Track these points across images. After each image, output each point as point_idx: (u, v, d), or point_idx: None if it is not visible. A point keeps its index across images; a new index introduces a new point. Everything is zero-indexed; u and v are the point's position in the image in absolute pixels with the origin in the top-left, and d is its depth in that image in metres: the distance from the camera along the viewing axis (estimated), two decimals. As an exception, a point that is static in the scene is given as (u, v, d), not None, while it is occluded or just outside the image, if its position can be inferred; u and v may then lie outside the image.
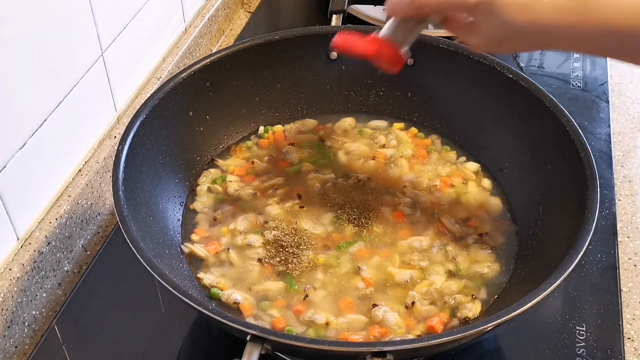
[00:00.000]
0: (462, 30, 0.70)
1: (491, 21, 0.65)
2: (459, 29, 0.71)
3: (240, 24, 1.39)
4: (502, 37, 0.67)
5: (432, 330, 0.74)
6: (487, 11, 0.64)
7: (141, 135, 0.82)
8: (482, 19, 0.66)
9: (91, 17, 0.89)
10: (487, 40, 0.68)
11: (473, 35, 0.69)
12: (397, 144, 0.97)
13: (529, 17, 0.63)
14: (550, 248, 0.76)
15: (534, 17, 0.63)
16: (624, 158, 1.06)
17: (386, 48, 0.75)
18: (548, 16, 0.63)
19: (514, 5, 0.63)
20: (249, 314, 0.76)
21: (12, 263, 0.79)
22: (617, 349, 0.79)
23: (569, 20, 0.63)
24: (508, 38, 0.66)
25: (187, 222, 0.87)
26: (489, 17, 0.65)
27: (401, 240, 0.83)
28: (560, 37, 0.65)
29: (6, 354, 0.78)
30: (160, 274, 0.66)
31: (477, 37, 0.69)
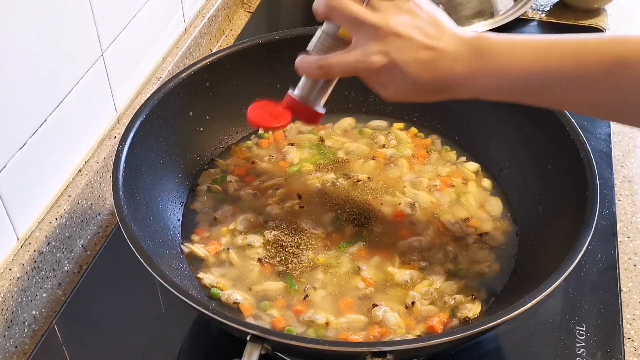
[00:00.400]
0: (373, 84, 0.70)
1: (397, 81, 0.67)
2: (370, 83, 0.71)
3: (240, 24, 1.39)
4: (411, 92, 0.68)
5: (432, 330, 0.74)
6: (392, 73, 0.66)
7: (141, 135, 0.82)
8: (388, 80, 0.67)
9: (91, 17, 0.89)
10: (397, 95, 0.69)
11: (383, 89, 0.70)
12: (397, 144, 0.97)
13: (432, 75, 0.65)
14: (550, 248, 0.76)
15: (437, 74, 0.65)
16: (624, 158, 1.06)
17: (302, 109, 0.76)
18: (448, 72, 0.65)
19: (415, 64, 0.65)
20: (249, 314, 0.76)
21: (12, 263, 0.79)
22: (617, 349, 0.79)
23: (468, 74, 0.65)
24: (417, 93, 0.68)
25: (187, 222, 0.87)
26: (394, 78, 0.66)
27: (401, 240, 0.83)
28: (464, 89, 0.67)
29: (6, 354, 0.78)
30: (160, 274, 0.66)
31: (388, 91, 0.69)
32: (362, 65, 0.67)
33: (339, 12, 0.67)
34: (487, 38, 0.65)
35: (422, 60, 0.65)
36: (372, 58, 0.66)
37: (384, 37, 0.65)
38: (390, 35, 0.65)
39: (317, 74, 0.72)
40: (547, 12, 1.39)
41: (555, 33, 1.34)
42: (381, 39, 0.65)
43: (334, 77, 0.74)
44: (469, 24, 1.29)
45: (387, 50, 0.65)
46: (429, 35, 0.65)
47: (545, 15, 1.38)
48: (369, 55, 0.66)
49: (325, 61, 0.70)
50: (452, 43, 0.65)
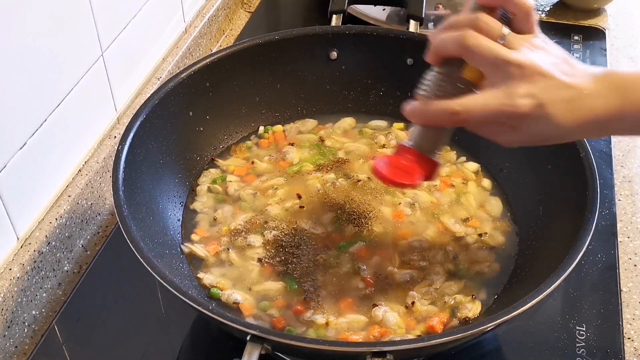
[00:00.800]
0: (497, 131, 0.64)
1: (537, 126, 0.61)
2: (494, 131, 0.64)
3: (240, 24, 1.39)
4: (548, 137, 0.63)
5: (432, 330, 0.74)
6: (536, 118, 0.60)
7: (141, 135, 0.82)
8: (527, 124, 0.61)
9: (91, 17, 0.89)
10: (526, 141, 0.64)
11: (508, 134, 0.63)
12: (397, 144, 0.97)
13: (578, 113, 0.60)
14: (550, 248, 0.76)
15: (580, 115, 0.60)
16: (624, 158, 1.06)
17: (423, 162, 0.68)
18: (594, 108, 0.60)
19: (561, 105, 0.59)
20: (249, 314, 0.76)
21: (12, 263, 0.79)
22: (617, 349, 0.79)
23: (611, 112, 0.60)
24: (550, 139, 0.63)
25: (187, 222, 0.87)
26: (536, 123, 0.61)
27: (401, 240, 0.83)
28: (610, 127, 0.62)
29: (6, 354, 0.78)
30: (160, 274, 0.66)
31: (514, 137, 0.63)
32: (506, 109, 0.59)
33: (476, 51, 0.60)
34: (620, 73, 0.61)
35: (565, 99, 0.59)
36: (519, 101, 0.59)
37: (528, 76, 0.59)
38: (535, 74, 0.59)
39: (445, 121, 0.63)
40: (547, 12, 1.39)
41: (555, 33, 1.35)
42: (525, 78, 0.59)
43: (468, 124, 0.64)
44: (469, 24, 1.29)
45: (533, 91, 0.59)
46: (567, 73, 0.60)
47: (545, 15, 1.38)
48: (515, 97, 0.59)
49: (457, 106, 0.61)
50: (588, 80, 0.60)
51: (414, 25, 1.03)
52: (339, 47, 0.99)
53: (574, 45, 1.29)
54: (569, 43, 1.30)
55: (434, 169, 0.69)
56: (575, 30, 1.33)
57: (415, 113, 0.65)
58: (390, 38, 0.96)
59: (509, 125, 0.62)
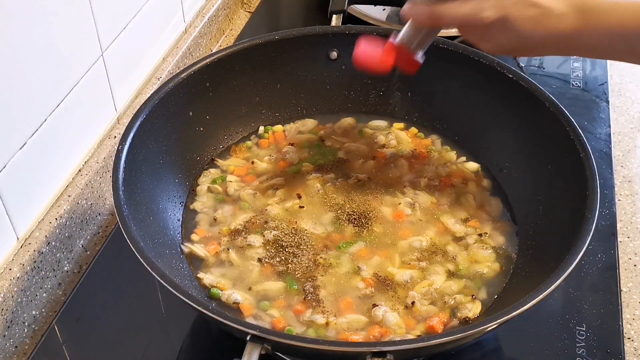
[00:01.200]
0: (476, 37, 0.75)
1: (505, 34, 0.70)
2: (473, 37, 0.75)
3: (240, 24, 1.39)
4: (514, 47, 0.72)
5: (432, 330, 0.74)
6: (502, 27, 0.69)
7: (141, 135, 0.82)
8: (495, 34, 0.71)
9: (91, 17, 0.89)
10: (500, 48, 0.74)
11: (487, 42, 0.74)
12: (397, 144, 0.97)
13: (538, 31, 0.69)
14: (550, 248, 0.76)
15: (543, 31, 0.69)
16: (624, 158, 1.06)
17: (403, 55, 0.80)
18: (554, 29, 0.68)
19: (526, 19, 0.68)
20: (249, 314, 0.76)
21: (12, 263, 0.79)
22: (617, 349, 0.79)
23: (573, 31, 0.68)
24: (520, 48, 0.72)
25: (187, 222, 0.87)
26: (502, 32, 0.70)
27: (401, 240, 0.83)
28: (570, 45, 0.70)
29: (6, 354, 0.78)
30: (160, 274, 0.66)
31: (491, 44, 0.73)
32: (474, 18, 0.70)
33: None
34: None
35: (531, 16, 0.68)
36: (485, 12, 0.69)
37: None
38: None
39: (426, 21, 0.76)
40: (547, 12, 1.39)
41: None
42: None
43: (442, 26, 0.78)
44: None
45: (499, 4, 0.69)
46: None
47: (545, 15, 1.38)
48: (483, 9, 0.69)
49: (437, 10, 0.73)
50: (558, 3, 0.68)
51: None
52: (339, 47, 0.99)
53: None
54: (569, 43, 1.29)
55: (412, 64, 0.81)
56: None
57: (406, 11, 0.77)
58: (390, 38, 0.96)
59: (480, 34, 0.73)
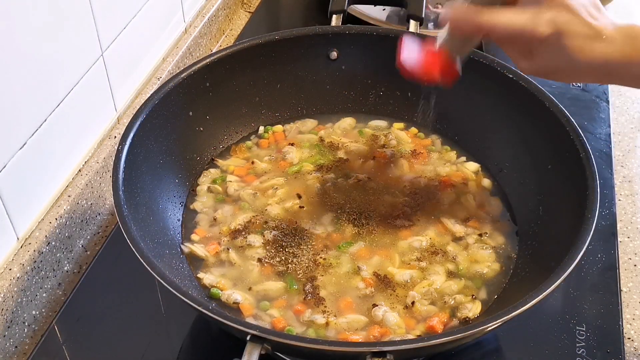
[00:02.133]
0: (516, 54, 0.70)
1: (553, 54, 0.66)
2: (513, 51, 0.70)
3: (240, 24, 1.39)
4: (555, 70, 0.68)
5: (432, 330, 0.74)
6: (554, 44, 0.65)
7: (141, 135, 0.82)
8: (543, 51, 0.67)
9: (91, 17, 0.89)
10: (541, 69, 0.69)
11: (526, 61, 0.69)
12: (397, 144, 0.97)
13: (589, 52, 0.65)
14: (550, 248, 0.76)
15: (592, 55, 0.65)
16: (624, 158, 1.06)
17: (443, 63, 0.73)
18: (602, 55, 0.65)
19: (578, 41, 0.64)
20: (249, 314, 0.76)
21: (12, 263, 0.79)
22: (617, 349, 0.79)
23: (621, 58, 0.65)
24: (561, 71, 0.68)
25: (187, 222, 0.87)
26: (552, 50, 0.66)
27: (401, 240, 0.83)
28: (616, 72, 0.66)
29: (6, 354, 0.78)
30: (160, 274, 0.66)
31: (531, 64, 0.69)
32: (528, 31, 0.65)
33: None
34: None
35: (583, 36, 0.64)
36: (541, 26, 0.64)
37: (555, 6, 0.64)
38: (561, 7, 0.64)
39: (473, 29, 0.69)
40: (547, 12, 1.39)
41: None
42: (552, 8, 0.64)
43: (490, 36, 0.70)
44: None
45: (555, 20, 0.64)
46: (591, 15, 0.65)
47: (545, 15, 1.38)
48: (539, 22, 0.64)
49: (488, 18, 0.67)
50: (609, 26, 0.65)
51: (414, 25, 1.03)
52: (339, 47, 0.99)
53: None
54: (569, 43, 1.29)
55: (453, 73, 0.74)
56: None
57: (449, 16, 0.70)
58: (390, 38, 0.96)
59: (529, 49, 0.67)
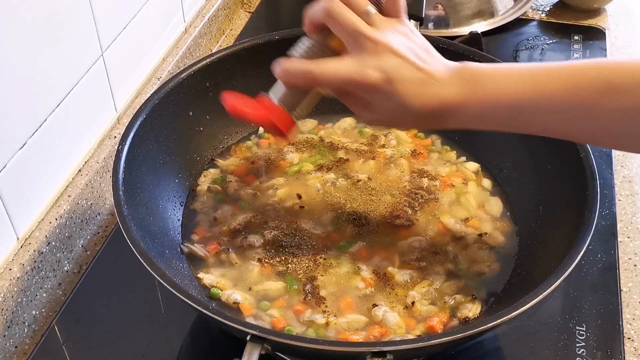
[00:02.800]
0: (356, 105, 0.69)
1: (385, 102, 0.65)
2: (353, 103, 0.69)
3: (240, 24, 1.39)
4: (395, 116, 0.66)
5: (432, 330, 0.74)
6: (384, 92, 0.64)
7: (141, 135, 0.82)
8: (377, 99, 0.65)
9: (91, 17, 0.89)
10: (382, 118, 0.68)
11: (367, 111, 0.68)
12: (397, 144, 0.97)
13: (421, 99, 0.64)
14: (550, 248, 0.76)
15: (426, 98, 0.64)
16: (624, 158, 1.06)
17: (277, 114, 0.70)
18: (437, 97, 0.64)
19: (409, 85, 0.64)
20: (249, 314, 0.76)
21: (12, 263, 0.79)
22: (617, 349, 0.79)
23: (457, 100, 0.64)
24: (401, 117, 0.66)
25: (187, 222, 0.87)
26: (384, 98, 0.65)
27: (401, 240, 0.83)
28: (453, 117, 0.65)
29: (6, 354, 0.78)
30: (160, 274, 0.66)
31: (372, 114, 0.68)
32: (357, 77, 0.64)
33: (338, 20, 0.65)
34: (473, 66, 0.65)
35: (415, 81, 0.64)
36: (368, 72, 0.63)
37: (381, 52, 0.64)
38: (388, 52, 0.64)
39: (301, 80, 0.67)
40: (547, 12, 1.39)
41: (555, 33, 1.35)
42: (378, 54, 0.64)
43: (319, 86, 0.69)
44: (469, 24, 1.30)
45: (383, 66, 0.63)
46: (421, 58, 0.65)
47: (545, 15, 1.38)
48: (366, 68, 0.64)
49: (314, 67, 0.66)
50: (441, 69, 0.65)
51: (413, 25, 1.03)
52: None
53: (574, 45, 1.29)
54: (569, 43, 1.30)
55: (287, 126, 0.70)
56: (575, 30, 1.33)
57: (279, 69, 0.68)
58: (390, 38, 0.96)
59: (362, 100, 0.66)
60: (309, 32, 0.70)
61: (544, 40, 1.31)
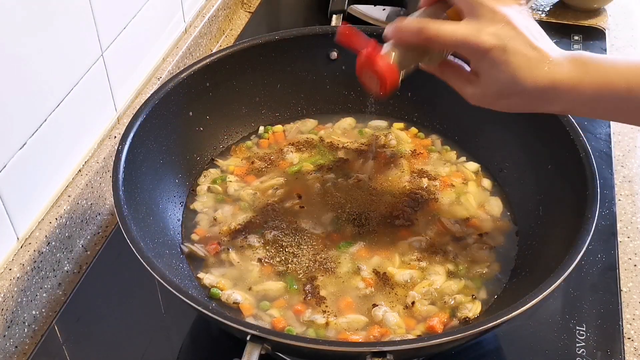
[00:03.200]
0: (460, 80, 0.69)
1: (495, 72, 0.64)
2: (456, 78, 0.70)
3: (240, 24, 1.39)
4: (501, 92, 0.66)
5: (432, 330, 0.74)
6: (496, 60, 0.64)
7: (141, 135, 0.82)
8: (487, 67, 0.65)
9: (91, 17, 0.89)
10: (486, 93, 0.67)
11: (471, 85, 0.68)
12: (397, 144, 0.97)
13: (536, 74, 0.63)
14: (550, 248, 0.76)
15: (538, 76, 0.63)
16: (624, 158, 1.06)
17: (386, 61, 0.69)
18: (549, 76, 0.63)
19: (522, 58, 0.63)
20: (249, 314, 0.76)
21: (12, 263, 0.79)
22: (617, 349, 0.79)
23: (569, 81, 0.63)
24: (507, 94, 0.66)
25: (187, 222, 0.87)
26: (495, 67, 0.64)
27: (401, 240, 0.83)
28: (562, 98, 0.65)
29: (6, 354, 0.78)
30: (160, 274, 0.66)
31: (476, 88, 0.68)
32: (472, 41, 0.64)
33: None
34: (588, 54, 0.65)
35: (528, 56, 0.63)
36: (484, 37, 0.63)
37: (498, 21, 0.63)
38: (505, 22, 0.63)
39: (415, 36, 0.67)
40: (547, 12, 1.39)
41: (555, 33, 1.35)
42: (495, 22, 0.64)
43: (433, 46, 0.68)
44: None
45: (499, 33, 0.63)
46: (536, 38, 0.64)
47: (545, 15, 1.38)
48: (483, 33, 0.63)
49: (430, 25, 0.65)
50: (556, 52, 0.64)
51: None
52: (339, 47, 0.99)
53: (574, 45, 1.29)
54: (569, 43, 1.30)
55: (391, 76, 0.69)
56: (575, 30, 1.33)
57: (392, 29, 0.68)
58: (390, 38, 0.96)
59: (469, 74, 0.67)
60: (425, 4, 0.70)
61: (544, 40, 1.31)
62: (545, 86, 0.64)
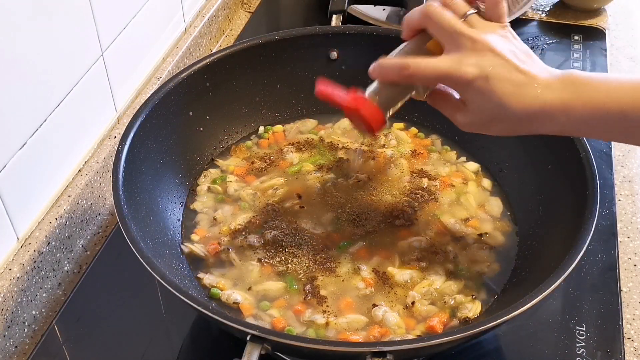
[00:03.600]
0: (449, 108, 0.69)
1: (482, 101, 0.64)
2: (446, 106, 0.69)
3: (240, 24, 1.39)
4: (491, 119, 0.65)
5: (432, 330, 0.74)
6: (481, 90, 0.63)
7: (141, 135, 0.82)
8: (473, 97, 0.65)
9: (91, 17, 0.89)
10: (475, 120, 0.67)
11: (461, 113, 0.68)
12: (397, 144, 0.97)
13: (525, 99, 0.62)
14: (550, 248, 0.76)
15: (526, 100, 0.62)
16: (624, 158, 1.06)
17: (368, 107, 0.70)
18: (538, 100, 0.62)
19: (507, 84, 0.62)
20: (249, 314, 0.76)
21: (12, 263, 0.79)
22: (617, 349, 0.79)
23: (560, 103, 0.62)
24: (497, 120, 0.65)
25: (187, 222, 0.87)
26: (480, 97, 0.64)
27: (401, 240, 0.83)
28: (553, 120, 0.63)
29: (6, 354, 0.78)
30: (160, 274, 0.66)
31: (465, 116, 0.67)
32: (453, 74, 0.63)
33: (436, 20, 0.65)
34: (579, 72, 0.63)
35: (514, 81, 0.62)
36: (465, 68, 0.63)
37: (480, 51, 0.63)
38: (487, 50, 0.63)
39: (396, 75, 0.67)
40: (547, 12, 1.39)
41: (555, 33, 1.35)
42: (477, 52, 0.63)
43: (415, 82, 0.69)
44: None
45: (480, 63, 0.62)
46: (522, 61, 0.63)
47: (545, 15, 1.38)
48: (463, 64, 0.63)
49: (411, 62, 0.65)
50: (544, 73, 0.63)
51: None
52: (339, 47, 0.99)
53: (574, 45, 1.29)
54: (569, 43, 1.30)
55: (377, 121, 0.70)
56: (575, 30, 1.33)
57: (374, 67, 0.69)
58: (390, 38, 0.96)
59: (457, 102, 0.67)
60: (406, 38, 0.70)
61: (544, 41, 1.31)
62: (535, 110, 0.63)
